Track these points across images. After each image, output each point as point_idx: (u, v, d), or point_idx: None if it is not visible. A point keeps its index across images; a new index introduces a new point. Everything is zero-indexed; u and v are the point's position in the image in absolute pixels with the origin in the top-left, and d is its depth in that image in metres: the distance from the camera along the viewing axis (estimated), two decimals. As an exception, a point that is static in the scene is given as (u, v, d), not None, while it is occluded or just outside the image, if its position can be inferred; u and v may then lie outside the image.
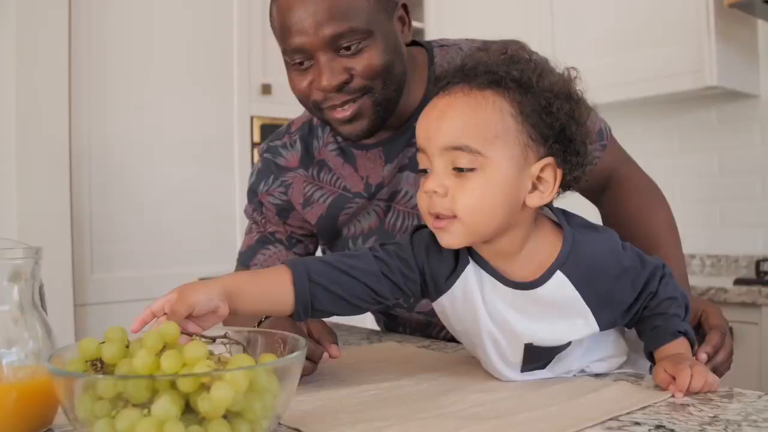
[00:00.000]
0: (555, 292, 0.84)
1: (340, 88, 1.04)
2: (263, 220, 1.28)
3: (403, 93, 1.11)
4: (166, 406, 0.59)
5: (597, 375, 0.93)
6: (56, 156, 2.28)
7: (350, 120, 1.06)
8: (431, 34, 3.20)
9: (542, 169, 0.81)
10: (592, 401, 0.81)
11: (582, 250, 0.84)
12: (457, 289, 0.88)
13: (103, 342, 0.66)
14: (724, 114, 2.63)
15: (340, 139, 1.20)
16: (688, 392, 0.81)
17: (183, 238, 2.59)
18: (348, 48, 1.02)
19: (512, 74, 0.81)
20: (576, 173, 0.84)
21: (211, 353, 0.67)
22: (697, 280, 2.18)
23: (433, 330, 1.30)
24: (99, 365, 0.65)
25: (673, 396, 0.81)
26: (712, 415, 0.74)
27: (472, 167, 0.79)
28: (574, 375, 0.93)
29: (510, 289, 0.85)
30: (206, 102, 2.68)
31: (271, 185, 1.25)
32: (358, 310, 0.89)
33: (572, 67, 0.85)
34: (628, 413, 0.76)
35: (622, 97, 2.53)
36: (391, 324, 1.38)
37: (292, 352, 0.72)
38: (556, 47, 2.69)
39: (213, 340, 0.73)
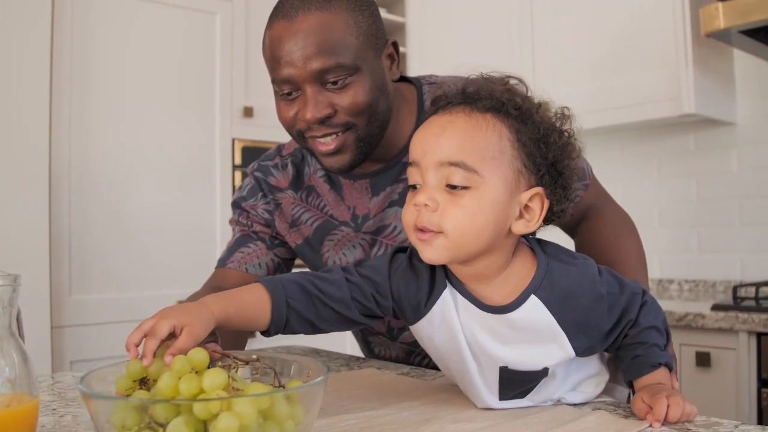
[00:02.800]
0: (529, 316, 0.84)
1: (323, 121, 1.05)
2: (249, 222, 1.28)
3: (386, 129, 1.12)
4: (178, 427, 0.61)
5: (575, 405, 0.93)
6: (36, 175, 2.26)
7: (333, 153, 1.08)
8: (413, 60, 3.22)
9: (531, 198, 0.83)
10: (571, 431, 0.81)
11: (556, 275, 0.85)
12: (436, 312, 0.88)
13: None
14: (701, 141, 2.67)
15: None
16: (666, 422, 0.82)
17: (163, 259, 2.58)
18: (335, 83, 1.04)
19: (514, 101, 0.83)
20: (561, 206, 0.86)
21: (234, 380, 0.68)
22: (674, 305, 2.19)
23: (415, 359, 1.30)
24: (144, 381, 0.71)
25: (651, 426, 0.82)
26: (689, 445, 0.75)
27: (466, 185, 0.80)
28: (552, 404, 0.93)
29: (485, 313, 0.86)
30: (188, 123, 2.68)
31: (258, 201, 1.27)
32: (326, 331, 0.93)
33: (566, 107, 0.87)
34: (607, 444, 0.76)
35: (601, 123, 2.56)
36: (371, 354, 1.38)
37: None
38: (537, 74, 2.72)
39: (246, 363, 0.75)
